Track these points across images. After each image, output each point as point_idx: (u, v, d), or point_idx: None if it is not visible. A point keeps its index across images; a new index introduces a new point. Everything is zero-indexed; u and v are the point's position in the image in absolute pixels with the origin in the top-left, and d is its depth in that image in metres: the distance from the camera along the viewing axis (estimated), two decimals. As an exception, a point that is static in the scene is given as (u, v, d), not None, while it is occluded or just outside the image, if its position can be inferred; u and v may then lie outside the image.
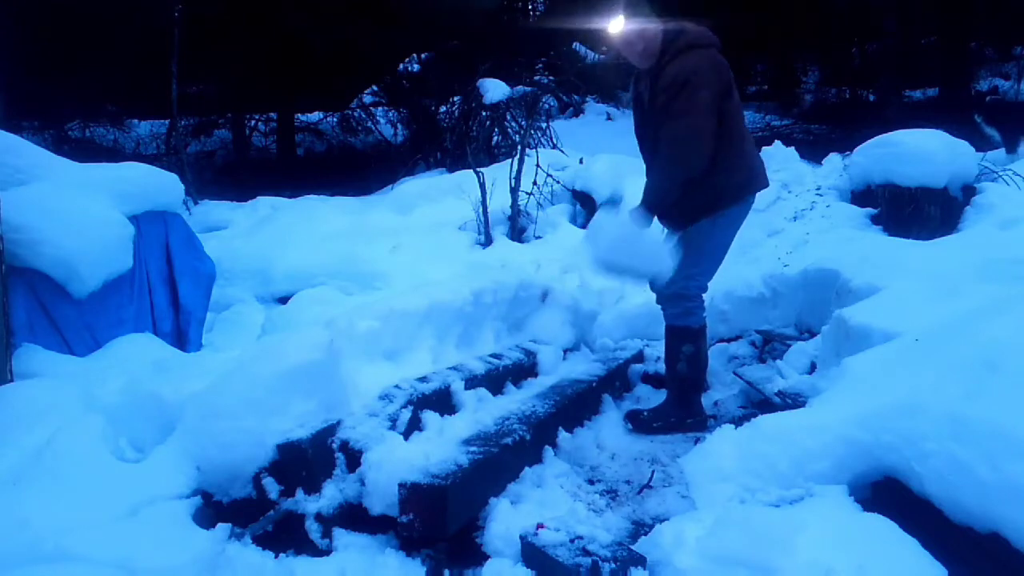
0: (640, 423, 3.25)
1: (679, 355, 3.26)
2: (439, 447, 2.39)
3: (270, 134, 12.86)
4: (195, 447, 2.33)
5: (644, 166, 3.35)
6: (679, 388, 3.30)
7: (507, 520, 2.21)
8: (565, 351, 3.93)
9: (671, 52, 3.05)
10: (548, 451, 2.81)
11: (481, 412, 2.79)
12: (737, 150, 3.13)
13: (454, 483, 2.12)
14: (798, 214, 5.27)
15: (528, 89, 10.08)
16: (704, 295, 3.30)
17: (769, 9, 10.52)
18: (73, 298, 3.58)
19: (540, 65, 13.20)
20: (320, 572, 2.08)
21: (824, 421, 2.24)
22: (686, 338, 3.25)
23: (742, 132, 3.19)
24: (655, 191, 3.07)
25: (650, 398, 3.65)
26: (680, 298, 3.23)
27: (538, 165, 6.94)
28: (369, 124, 13.03)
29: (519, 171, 6.50)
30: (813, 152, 7.13)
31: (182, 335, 4.33)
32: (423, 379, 2.84)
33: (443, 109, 11.29)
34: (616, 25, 3.06)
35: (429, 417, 2.65)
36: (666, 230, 3.31)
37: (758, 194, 3.38)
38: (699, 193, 3.07)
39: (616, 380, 3.75)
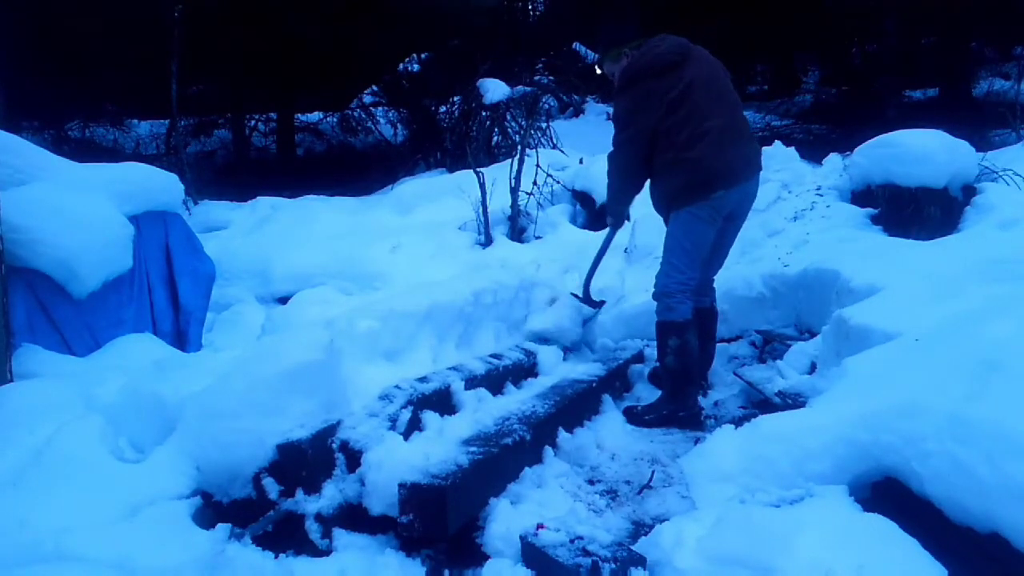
0: (633, 416, 3.37)
1: (666, 349, 3.40)
2: (439, 447, 2.39)
3: (270, 134, 12.86)
4: (195, 447, 2.33)
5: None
6: (670, 381, 3.43)
7: (507, 520, 2.20)
8: (565, 351, 3.93)
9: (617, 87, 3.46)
10: (548, 451, 2.80)
11: (481, 412, 2.79)
12: (679, 159, 3.27)
13: (454, 483, 2.12)
14: (798, 214, 5.25)
15: (528, 89, 10.09)
16: (687, 290, 3.40)
17: (769, 9, 10.51)
18: (73, 298, 3.58)
19: (540, 65, 13.20)
20: (320, 572, 2.08)
21: (824, 421, 2.25)
22: (671, 332, 3.38)
23: (689, 140, 3.25)
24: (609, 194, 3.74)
25: (649, 398, 3.65)
26: (662, 295, 3.41)
27: (538, 165, 6.93)
28: (369, 124, 13.02)
29: (519, 171, 6.49)
30: (813, 152, 7.12)
31: (182, 335, 4.33)
32: (423, 379, 2.84)
33: (443, 109, 11.28)
34: (598, 69, 3.70)
35: (429, 417, 2.65)
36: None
37: (759, 193, 3.43)
38: (655, 194, 3.49)
39: (616, 380, 3.75)
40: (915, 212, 4.85)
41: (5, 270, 3.15)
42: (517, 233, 6.50)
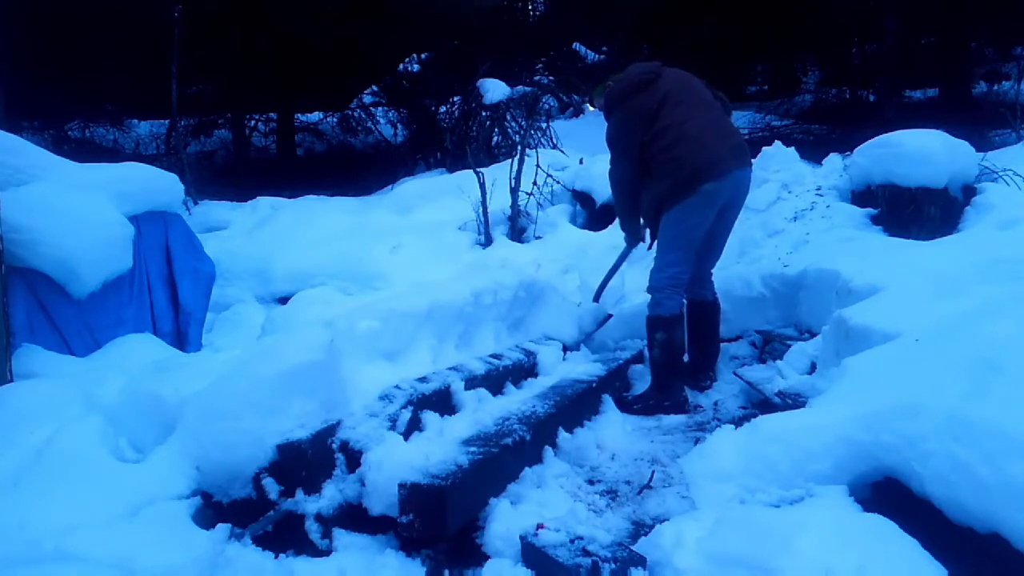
0: (624, 405, 3.51)
1: (653, 342, 3.61)
2: (439, 447, 2.39)
3: (270, 134, 12.84)
4: (195, 447, 2.33)
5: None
6: (656, 373, 3.61)
7: (507, 520, 2.20)
8: (565, 351, 3.93)
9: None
10: (548, 451, 2.80)
11: (481, 412, 2.79)
12: (665, 159, 3.48)
13: (454, 483, 2.12)
14: (798, 214, 5.24)
15: (528, 89, 10.09)
16: (677, 285, 3.57)
17: (769, 9, 10.50)
18: (73, 298, 3.58)
19: (540, 65, 13.20)
20: (320, 572, 2.08)
21: (824, 421, 2.25)
22: (657, 326, 3.57)
23: (672, 142, 3.46)
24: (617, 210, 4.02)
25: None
26: (652, 290, 3.61)
27: (538, 165, 6.93)
28: (369, 124, 13.01)
29: (519, 171, 6.50)
30: (813, 152, 7.11)
31: (182, 335, 4.33)
32: (423, 379, 2.84)
33: (443, 109, 11.28)
34: (590, 107, 4.10)
35: (429, 417, 2.65)
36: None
37: (759, 193, 3.47)
38: (646, 202, 3.66)
39: (616, 380, 3.75)
40: (915, 212, 4.84)
41: (5, 270, 3.16)
42: (517, 233, 6.50)
